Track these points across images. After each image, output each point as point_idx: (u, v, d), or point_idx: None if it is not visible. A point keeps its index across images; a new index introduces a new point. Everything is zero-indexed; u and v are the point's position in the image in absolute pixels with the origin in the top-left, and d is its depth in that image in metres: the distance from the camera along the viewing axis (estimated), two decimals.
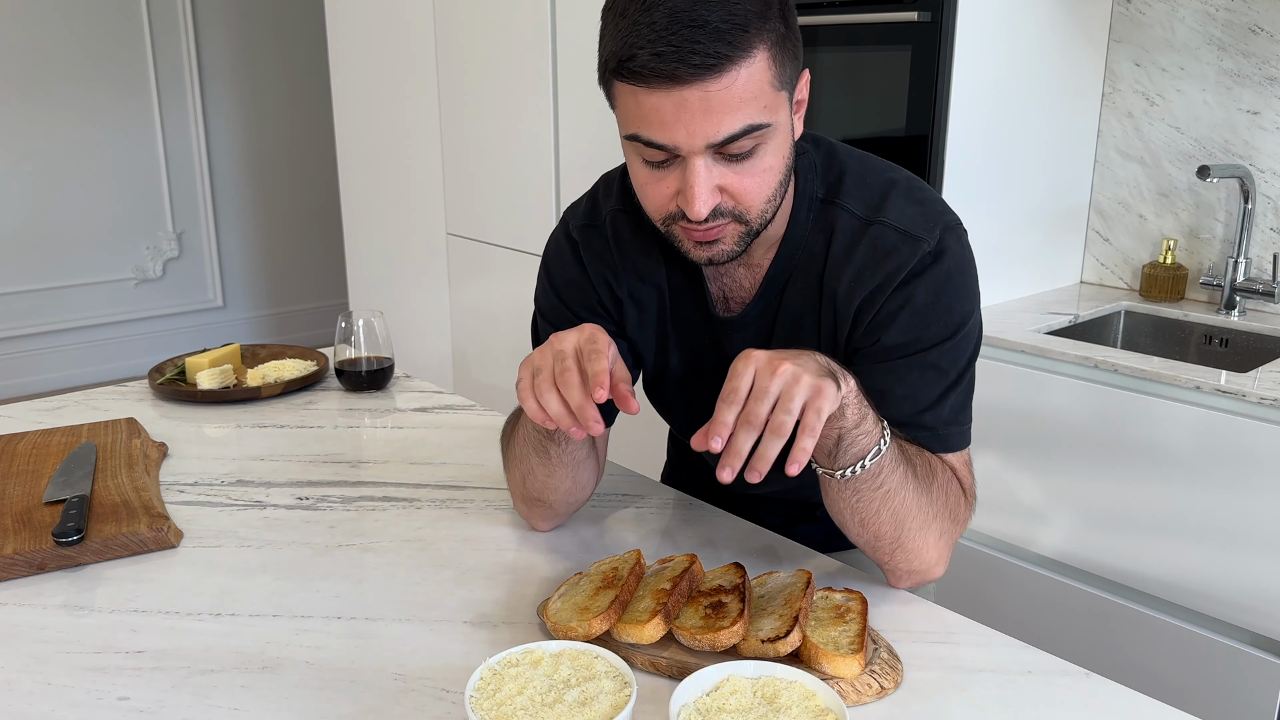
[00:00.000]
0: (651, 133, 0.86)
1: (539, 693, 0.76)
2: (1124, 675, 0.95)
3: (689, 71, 0.81)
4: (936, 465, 0.97)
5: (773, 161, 0.90)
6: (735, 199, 0.90)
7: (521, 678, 0.78)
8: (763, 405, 0.80)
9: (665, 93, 0.83)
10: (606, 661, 0.81)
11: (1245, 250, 1.95)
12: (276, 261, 4.66)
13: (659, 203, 0.92)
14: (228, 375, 1.58)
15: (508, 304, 2.77)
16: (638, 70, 0.83)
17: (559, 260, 1.12)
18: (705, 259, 0.94)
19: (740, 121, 0.85)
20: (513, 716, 0.74)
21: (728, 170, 0.88)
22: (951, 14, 1.76)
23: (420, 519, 1.16)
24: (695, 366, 1.11)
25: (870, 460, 0.88)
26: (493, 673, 0.79)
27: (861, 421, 0.87)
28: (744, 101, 0.84)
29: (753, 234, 0.93)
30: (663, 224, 0.94)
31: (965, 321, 0.98)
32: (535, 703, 0.75)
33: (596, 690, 0.77)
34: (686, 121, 0.84)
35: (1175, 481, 1.61)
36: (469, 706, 0.74)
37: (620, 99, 0.88)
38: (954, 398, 0.99)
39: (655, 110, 0.84)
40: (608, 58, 0.86)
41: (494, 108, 2.70)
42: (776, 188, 0.92)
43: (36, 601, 0.98)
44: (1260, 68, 1.93)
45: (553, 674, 0.79)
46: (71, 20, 3.92)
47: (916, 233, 0.96)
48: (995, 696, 0.83)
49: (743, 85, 0.83)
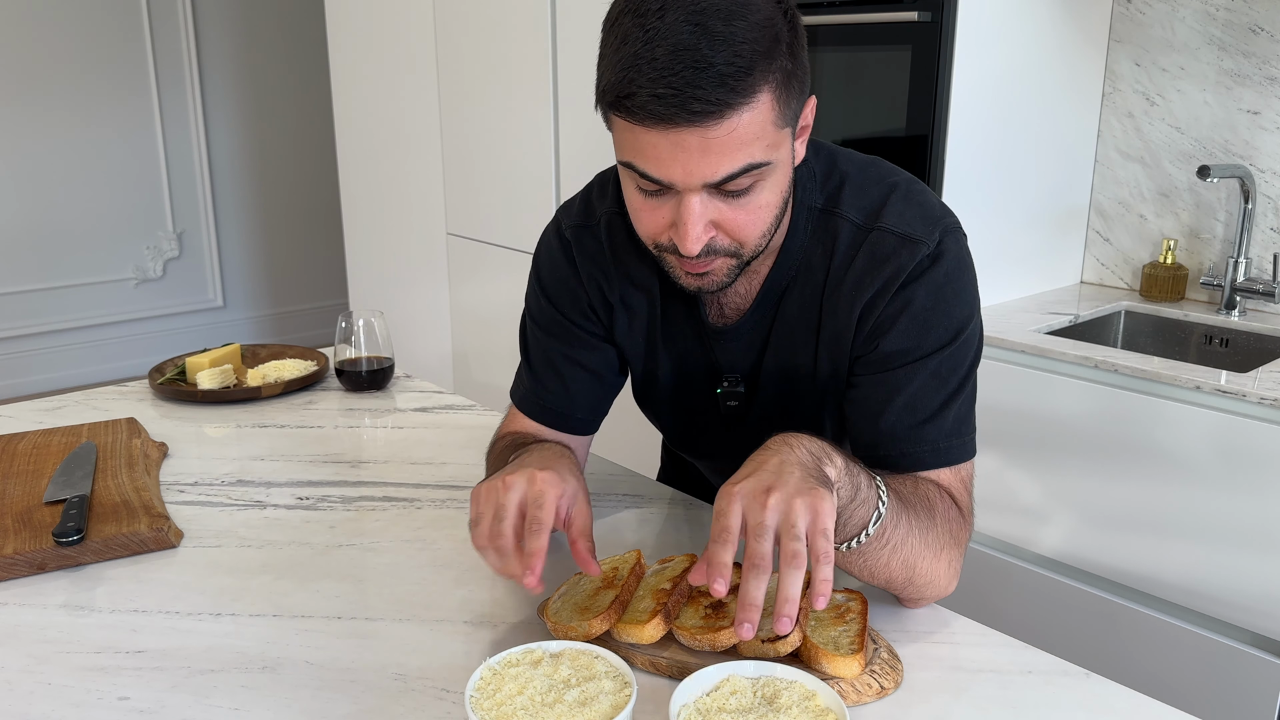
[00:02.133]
0: (647, 167, 0.84)
1: (539, 692, 0.76)
2: (1124, 675, 0.95)
3: (688, 118, 0.79)
4: (934, 498, 0.94)
5: (770, 198, 0.88)
6: (729, 234, 0.88)
7: (521, 678, 0.78)
8: (765, 543, 0.75)
9: (662, 133, 0.81)
10: (607, 662, 0.81)
11: (1245, 250, 1.95)
12: (276, 261, 4.66)
13: (651, 230, 0.90)
14: (228, 375, 1.58)
15: (508, 304, 2.77)
16: (634, 110, 0.81)
17: (549, 261, 1.11)
18: (695, 288, 0.94)
19: (739, 162, 0.83)
20: (513, 716, 0.74)
21: (723, 206, 0.86)
22: (951, 14, 1.76)
23: (420, 519, 1.16)
24: (685, 374, 1.10)
25: (873, 526, 0.85)
26: (493, 673, 0.79)
27: (856, 494, 0.84)
28: (744, 144, 0.82)
29: (745, 265, 0.92)
30: (654, 250, 0.93)
31: (965, 326, 0.96)
32: (535, 703, 0.75)
33: (597, 690, 0.77)
34: (684, 161, 0.82)
35: (1175, 481, 1.61)
36: (469, 707, 0.74)
37: (616, 128, 0.86)
38: (956, 408, 0.96)
39: (652, 146, 0.82)
40: (606, 88, 0.83)
41: (494, 108, 2.71)
42: (772, 222, 0.91)
43: (36, 601, 0.98)
44: (1260, 68, 1.93)
45: (553, 674, 0.79)
46: (72, 20, 3.93)
47: (915, 235, 0.95)
48: (995, 696, 0.83)
49: (744, 129, 0.81)
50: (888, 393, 0.96)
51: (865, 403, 0.98)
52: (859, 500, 0.84)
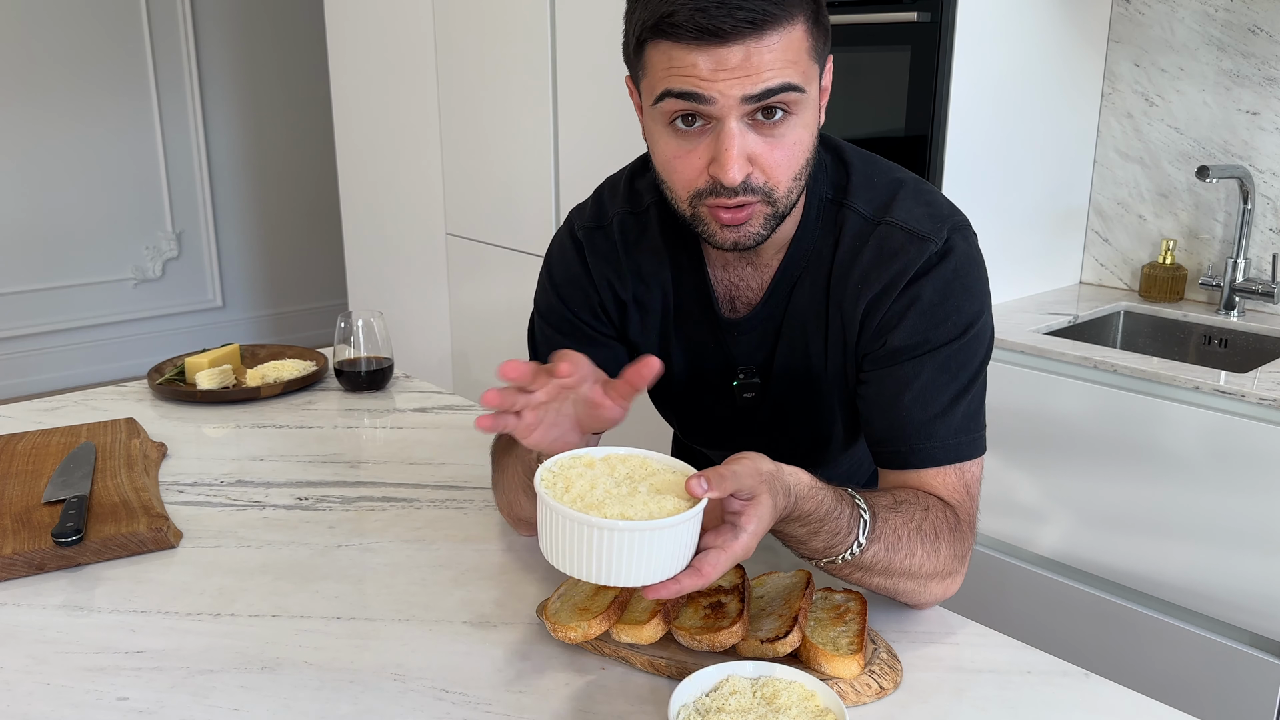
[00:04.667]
0: (686, 86, 0.84)
1: (614, 484, 0.77)
2: (1124, 675, 0.95)
3: (734, 25, 0.81)
4: (940, 526, 0.92)
5: (801, 135, 0.89)
6: (765, 172, 0.88)
7: (586, 476, 0.79)
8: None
9: (705, 50, 0.82)
10: (661, 461, 0.82)
11: (1245, 250, 1.95)
12: (276, 261, 4.66)
13: (688, 176, 0.90)
14: (227, 375, 1.58)
15: (507, 304, 2.77)
16: (680, 24, 0.82)
17: (562, 260, 1.11)
18: (731, 242, 0.92)
19: (779, 78, 0.84)
20: (602, 504, 0.74)
21: (759, 139, 0.87)
22: (951, 14, 1.76)
23: (419, 519, 1.16)
24: (700, 369, 1.11)
25: (844, 558, 0.85)
26: (553, 475, 0.79)
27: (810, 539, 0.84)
28: (784, 62, 0.84)
29: (779, 217, 0.92)
30: (690, 204, 0.91)
31: (974, 321, 0.96)
32: (613, 494, 0.76)
33: (664, 483, 0.78)
34: (725, 76, 0.83)
35: (1175, 482, 1.61)
36: (551, 503, 0.74)
37: (652, 60, 0.87)
38: (965, 404, 0.96)
39: (693, 65, 0.83)
40: (644, 19, 0.85)
41: (494, 108, 2.71)
42: (803, 165, 0.91)
43: (36, 602, 0.98)
44: (1260, 68, 1.93)
45: (613, 473, 0.80)
46: (71, 20, 3.92)
47: (924, 232, 0.95)
48: (995, 696, 0.83)
49: (783, 46, 0.84)
50: (897, 387, 0.96)
51: (875, 398, 0.98)
52: (820, 535, 0.84)
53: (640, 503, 0.75)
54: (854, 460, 1.19)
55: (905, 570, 0.89)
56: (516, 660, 0.88)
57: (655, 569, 0.74)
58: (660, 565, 0.74)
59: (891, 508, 0.90)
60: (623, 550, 0.73)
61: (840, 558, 0.85)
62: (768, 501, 0.77)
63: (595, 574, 0.74)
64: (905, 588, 0.91)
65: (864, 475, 1.23)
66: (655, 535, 0.73)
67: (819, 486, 0.83)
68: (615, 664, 0.87)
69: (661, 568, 0.74)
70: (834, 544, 0.84)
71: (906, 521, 0.89)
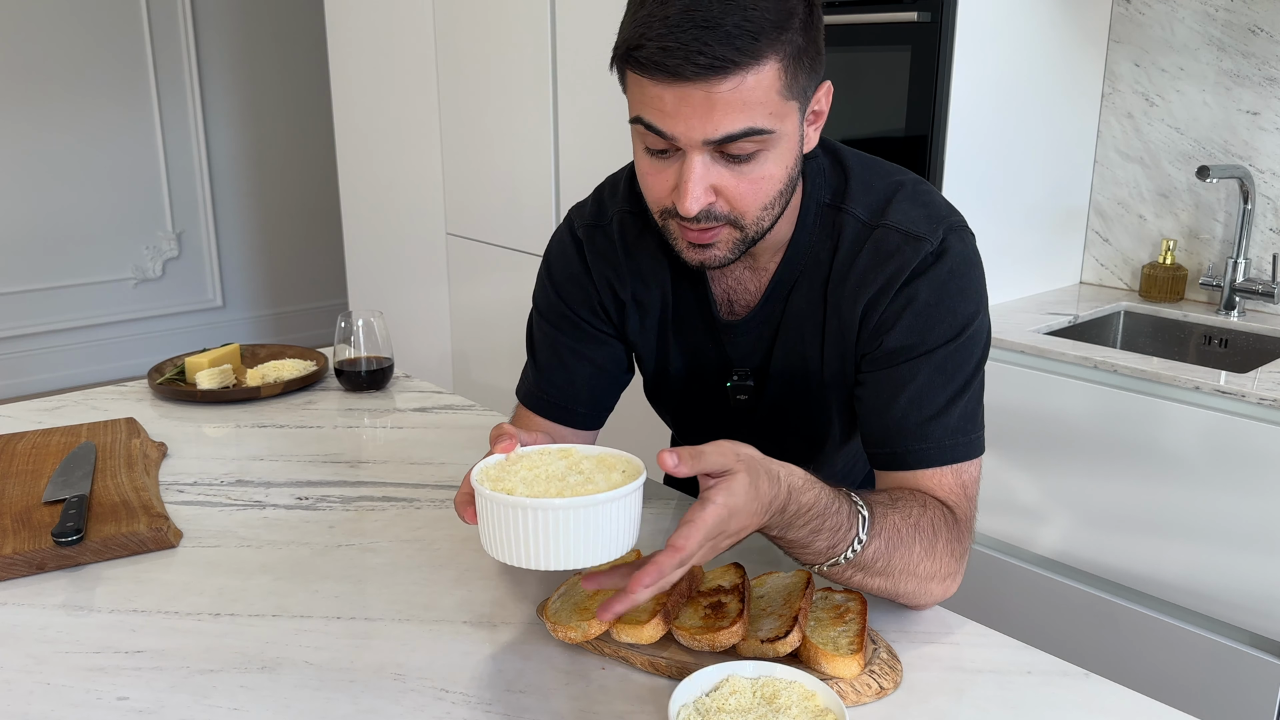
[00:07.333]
0: (653, 119, 0.86)
1: (560, 472, 0.79)
2: (1124, 675, 0.95)
3: (693, 71, 0.81)
4: (938, 526, 0.92)
5: (773, 170, 0.89)
6: (730, 202, 0.89)
7: (528, 466, 0.81)
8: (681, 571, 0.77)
9: (668, 86, 0.83)
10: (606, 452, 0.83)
11: (1245, 251, 1.95)
12: (276, 261, 4.66)
13: (657, 194, 0.91)
14: (227, 375, 1.58)
15: (507, 304, 2.77)
16: (643, 61, 0.83)
17: (561, 258, 1.11)
18: (698, 262, 0.94)
19: (741, 123, 0.84)
20: (545, 490, 0.75)
21: (725, 171, 0.87)
22: (951, 14, 1.76)
23: (420, 519, 1.16)
24: (696, 369, 1.11)
25: (847, 556, 0.85)
26: (498, 469, 0.81)
27: (814, 539, 0.84)
28: (747, 105, 0.83)
29: (749, 241, 0.92)
30: (660, 218, 0.93)
31: (971, 322, 0.96)
32: (555, 479, 0.78)
33: (606, 465, 0.80)
34: (686, 116, 0.84)
35: (1175, 482, 1.61)
36: (481, 489, 0.75)
37: (629, 83, 0.88)
38: (962, 405, 0.96)
39: (658, 99, 0.85)
40: (620, 43, 0.86)
41: (494, 108, 2.71)
42: (775, 197, 0.91)
43: (36, 601, 0.98)
44: (1260, 68, 1.93)
45: (553, 465, 0.82)
46: (71, 20, 3.92)
47: (919, 233, 0.95)
48: (995, 696, 0.83)
49: (748, 89, 0.83)
50: (894, 388, 0.96)
51: (872, 399, 0.98)
52: (822, 533, 0.84)
53: (578, 484, 0.75)
54: (849, 461, 1.20)
55: (905, 568, 0.89)
56: (516, 660, 0.88)
57: (594, 549, 0.72)
58: (599, 545, 0.72)
59: (889, 505, 0.90)
60: (558, 530, 0.71)
61: (843, 556, 0.85)
62: (744, 479, 0.77)
63: (533, 558, 0.73)
64: (906, 588, 0.91)
65: (858, 476, 1.23)
66: (590, 512, 0.71)
67: (815, 481, 0.83)
68: (615, 664, 0.87)
69: (601, 548, 0.72)
70: (836, 542, 0.84)
71: (904, 518, 0.89)
